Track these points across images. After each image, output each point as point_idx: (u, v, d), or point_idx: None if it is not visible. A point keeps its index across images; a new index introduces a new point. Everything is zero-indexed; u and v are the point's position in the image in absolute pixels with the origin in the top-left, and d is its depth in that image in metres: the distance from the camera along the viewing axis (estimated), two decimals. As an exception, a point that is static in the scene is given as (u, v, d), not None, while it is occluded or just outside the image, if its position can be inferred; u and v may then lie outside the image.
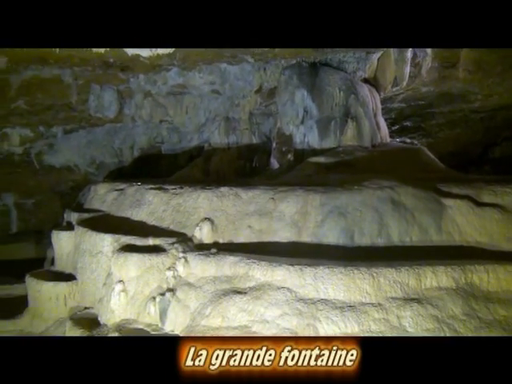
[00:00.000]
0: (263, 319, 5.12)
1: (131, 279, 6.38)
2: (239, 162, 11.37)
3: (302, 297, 5.15)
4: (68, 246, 8.38)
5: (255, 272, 5.51)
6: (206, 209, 7.05)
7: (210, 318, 5.44)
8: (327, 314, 4.91)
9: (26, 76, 10.15)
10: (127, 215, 7.95)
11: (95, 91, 11.12)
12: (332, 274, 5.10)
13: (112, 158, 13.07)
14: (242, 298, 5.36)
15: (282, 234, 6.47)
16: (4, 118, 11.33)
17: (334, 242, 6.22)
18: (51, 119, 11.76)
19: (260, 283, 5.42)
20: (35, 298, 8.14)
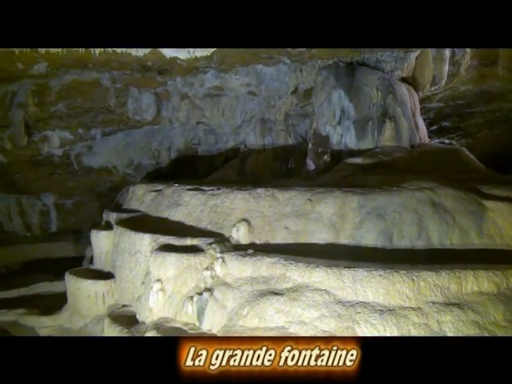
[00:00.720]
0: (301, 321, 5.09)
1: (169, 278, 6.43)
2: (275, 163, 11.34)
3: (340, 299, 5.10)
4: (107, 245, 8.54)
5: (292, 273, 5.48)
6: (242, 210, 7.07)
7: (247, 319, 5.45)
8: (366, 317, 4.84)
9: (65, 80, 10.43)
10: (165, 216, 8.03)
11: (133, 94, 11.33)
12: (371, 277, 5.03)
13: (149, 160, 13.26)
14: (279, 299, 5.34)
15: (320, 235, 6.44)
16: (44, 121, 11.64)
17: (373, 244, 6.15)
18: (90, 122, 12.02)
19: (297, 284, 5.40)
20: (74, 295, 8.32)
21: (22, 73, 9.51)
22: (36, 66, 9.22)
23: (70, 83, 10.57)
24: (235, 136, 12.25)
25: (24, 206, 14.74)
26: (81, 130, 12.25)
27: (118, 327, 6.81)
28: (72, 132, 12.25)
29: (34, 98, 10.76)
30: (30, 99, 10.74)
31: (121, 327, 6.79)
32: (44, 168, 13.36)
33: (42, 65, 9.22)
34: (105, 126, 12.26)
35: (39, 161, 12.98)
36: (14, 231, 14.90)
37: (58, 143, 12.42)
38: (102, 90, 11.00)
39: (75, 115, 11.63)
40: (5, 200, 14.51)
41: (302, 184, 7.95)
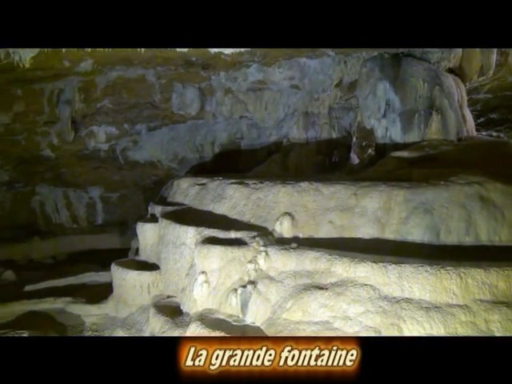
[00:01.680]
0: (345, 316, 5.04)
1: (213, 271, 6.50)
2: (318, 157, 11.25)
3: (385, 295, 5.01)
4: (152, 237, 8.69)
5: (337, 268, 5.43)
6: (286, 203, 7.04)
7: (290, 312, 5.45)
8: (412, 314, 4.74)
9: (111, 76, 10.66)
10: (209, 209, 8.10)
11: (178, 89, 11.48)
12: (417, 273, 4.92)
13: (193, 154, 13.42)
14: (324, 294, 5.31)
15: (364, 230, 6.35)
16: (91, 117, 11.95)
17: (419, 239, 6.01)
18: (135, 117, 12.26)
19: (342, 279, 5.34)
20: (120, 286, 8.53)
21: (68, 70, 9.76)
22: (82, 63, 9.45)
23: (116, 79, 10.80)
24: (278, 130, 12.22)
25: (71, 199, 15.21)
26: (126, 125, 12.52)
27: (163, 317, 6.94)
28: (118, 127, 12.54)
29: (80, 94, 11.04)
30: (77, 96, 11.03)
31: (165, 317, 6.91)
32: (90, 162, 13.74)
33: (87, 62, 9.43)
34: (150, 121, 12.48)
35: (86, 155, 13.35)
36: (61, 223, 15.40)
37: (104, 138, 12.73)
38: (147, 85, 11.18)
39: (121, 111, 11.87)
40: (53, 193, 15.01)
41: (346, 178, 7.85)
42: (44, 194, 15.01)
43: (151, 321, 7.20)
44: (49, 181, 14.50)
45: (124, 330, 7.78)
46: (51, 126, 11.84)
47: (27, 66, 7.61)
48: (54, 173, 14.09)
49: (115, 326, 8.11)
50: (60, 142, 12.30)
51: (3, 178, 13.67)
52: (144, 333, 7.40)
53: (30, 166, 13.50)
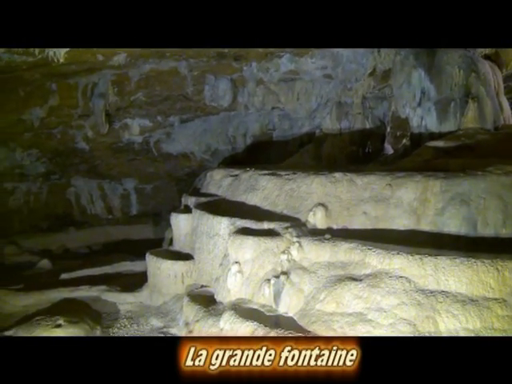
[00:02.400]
0: (379, 307, 4.98)
1: (247, 261, 6.51)
2: (351, 147, 11.13)
3: (421, 287, 4.93)
4: (186, 228, 8.78)
5: (371, 259, 5.38)
6: (319, 194, 7.00)
7: (324, 303, 5.43)
8: (448, 307, 4.66)
9: (144, 69, 10.78)
10: (242, 200, 8.12)
11: (210, 81, 11.52)
12: (454, 265, 4.82)
13: (226, 145, 13.48)
14: (358, 285, 5.26)
15: (400, 221, 6.25)
16: (124, 110, 12.11)
17: (455, 231, 5.87)
18: (168, 109, 12.37)
19: (376, 271, 5.28)
20: (154, 275, 8.65)
21: (102, 64, 9.92)
22: (115, 57, 9.58)
23: (149, 72, 10.90)
24: (310, 120, 12.15)
25: (106, 191, 15.52)
26: (159, 118, 12.65)
27: (197, 306, 7.02)
28: (151, 119, 12.68)
29: (113, 87, 11.21)
30: (110, 89, 11.20)
31: (199, 306, 6.99)
32: (125, 154, 13.95)
33: (121, 56, 9.55)
34: (182, 113, 12.57)
35: (120, 147, 13.56)
36: (96, 214, 15.73)
37: (138, 130, 12.90)
38: (180, 78, 11.26)
39: (154, 103, 11.99)
40: (88, 185, 15.33)
41: (380, 169, 7.74)
42: (79, 185, 15.35)
43: (185, 309, 7.29)
44: (84, 173, 14.80)
45: (158, 318, 7.91)
46: (86, 119, 12.06)
47: (62, 60, 7.77)
48: (89, 165, 14.37)
49: (149, 314, 8.24)
50: (94, 134, 12.52)
51: (39, 170, 14.01)
52: (178, 321, 7.51)
53: (66, 159, 13.81)
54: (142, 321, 8.07)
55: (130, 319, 8.24)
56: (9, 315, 8.68)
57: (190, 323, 6.88)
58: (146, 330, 7.65)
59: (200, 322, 6.66)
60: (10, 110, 11.12)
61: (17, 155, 13.14)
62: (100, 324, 7.96)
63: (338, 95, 11.49)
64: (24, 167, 13.63)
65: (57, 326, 7.31)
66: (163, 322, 7.72)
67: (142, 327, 7.84)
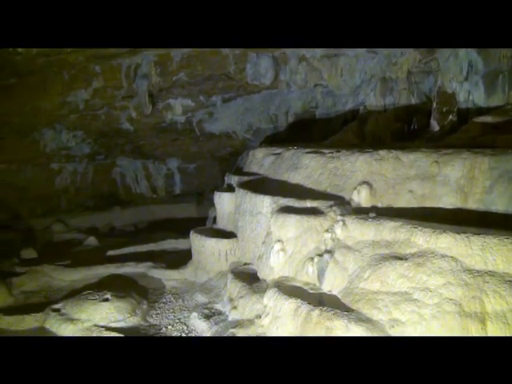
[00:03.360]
0: (425, 287, 4.90)
1: (290, 239, 6.53)
2: (396, 124, 10.83)
3: (467, 267, 4.81)
4: (229, 206, 8.88)
5: (417, 238, 5.28)
6: (363, 172, 6.92)
7: (368, 282, 5.39)
8: (495, 287, 4.52)
9: (186, 50, 10.74)
10: (284, 178, 8.11)
11: (252, 59, 11.43)
12: (502, 245, 4.67)
13: (268, 124, 13.41)
14: (403, 264, 5.18)
15: (446, 199, 6.11)
16: (167, 90, 12.19)
17: (504, 209, 5.69)
18: (210, 89, 12.38)
19: (422, 250, 5.19)
20: (199, 252, 8.83)
21: (144, 45, 9.94)
22: (158, 38, 9.57)
23: (191, 52, 10.93)
24: (354, 97, 11.89)
25: (150, 170, 15.81)
26: (202, 97, 12.68)
27: (240, 283, 7.12)
28: (193, 99, 12.73)
29: (156, 68, 11.30)
30: (153, 70, 11.29)
31: (243, 283, 7.09)
32: (168, 134, 14.11)
33: (163, 37, 9.55)
34: (224, 92, 12.56)
35: (163, 128, 13.71)
36: (141, 193, 16.08)
37: (181, 110, 12.98)
38: (222, 56, 11.24)
39: (196, 83, 12.02)
40: (133, 165, 15.64)
41: (426, 146, 7.54)
42: (124, 165, 15.69)
43: (229, 286, 7.41)
44: (128, 153, 15.09)
45: (202, 294, 8.07)
46: (129, 100, 12.22)
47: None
48: (133, 145, 14.62)
49: (194, 290, 8.44)
50: (138, 115, 12.68)
51: (85, 151, 14.37)
52: (222, 297, 7.63)
53: (110, 139, 14.09)
54: (187, 296, 8.26)
55: (175, 295, 8.45)
56: (57, 290, 9.07)
57: (235, 299, 6.99)
58: (191, 306, 7.82)
59: (244, 298, 6.76)
60: (55, 92, 11.39)
61: (63, 137, 13.50)
62: (146, 299, 8.18)
63: (383, 70, 11.16)
64: (70, 148, 14.00)
65: (104, 300, 7.57)
66: (208, 298, 7.86)
67: (187, 303, 8.03)
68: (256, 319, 6.30)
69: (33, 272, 9.70)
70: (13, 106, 11.22)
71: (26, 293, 8.95)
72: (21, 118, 11.79)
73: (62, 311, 7.62)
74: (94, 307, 7.42)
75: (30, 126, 12.47)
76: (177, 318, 7.48)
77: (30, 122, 12.19)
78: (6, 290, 8.63)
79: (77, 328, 7.09)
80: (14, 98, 10.88)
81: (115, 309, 7.41)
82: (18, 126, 12.17)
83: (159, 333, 7.03)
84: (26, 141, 13.01)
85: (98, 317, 7.27)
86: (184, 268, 9.27)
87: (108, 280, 9.03)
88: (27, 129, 12.60)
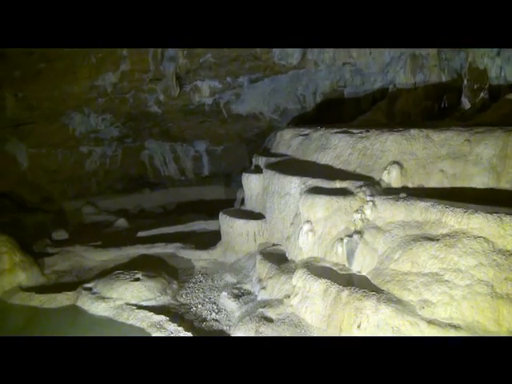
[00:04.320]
0: (456, 268, 4.86)
1: (319, 220, 6.51)
2: (426, 102, 10.61)
3: (500, 248, 4.75)
4: (257, 188, 8.90)
5: (449, 219, 5.21)
6: (394, 152, 6.83)
7: (399, 263, 5.36)
8: (528, 268, 4.46)
9: (213, 31, 10.64)
10: (313, 159, 8.05)
11: (279, 39, 11.25)
12: (536, 226, 4.58)
13: (295, 105, 13.30)
14: (434, 245, 5.14)
15: (479, 179, 6.00)
16: (194, 72, 12.15)
17: (538, 189, 5.57)
18: (237, 70, 12.29)
19: (454, 230, 5.12)
20: (227, 233, 8.91)
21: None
22: (185, 20, 9.53)
23: (218, 33, 10.80)
24: (383, 75, 11.63)
25: (178, 153, 15.93)
26: (229, 79, 12.62)
27: (269, 263, 7.17)
28: (221, 81, 12.67)
29: (183, 50, 11.23)
30: (180, 52, 11.23)
31: (271, 263, 7.13)
32: (195, 117, 14.14)
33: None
34: (251, 72, 12.46)
35: (191, 110, 13.73)
36: (169, 175, 16.23)
37: (208, 92, 12.95)
38: (249, 37, 11.09)
39: (223, 64, 11.94)
40: (161, 147, 15.78)
41: (458, 124, 7.38)
42: (152, 148, 15.83)
43: (258, 266, 7.46)
44: (156, 136, 15.19)
45: (231, 274, 8.16)
46: (157, 83, 12.24)
47: (132, 26, 7.85)
48: (161, 128, 14.71)
49: (223, 270, 8.56)
50: (166, 98, 12.71)
51: (114, 134, 14.52)
52: (251, 278, 7.70)
53: (138, 122, 14.19)
54: (217, 277, 8.37)
55: (204, 275, 8.57)
56: (88, 269, 9.30)
57: (263, 280, 7.04)
58: (221, 286, 7.93)
59: (273, 278, 6.80)
60: (84, 76, 11.47)
61: (91, 120, 13.66)
62: (176, 279, 8.32)
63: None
64: (99, 132, 14.16)
65: (135, 279, 7.74)
66: (237, 278, 7.94)
67: (216, 282, 8.14)
68: (285, 299, 6.35)
69: (64, 252, 9.98)
70: (42, 90, 11.36)
71: (57, 272, 9.23)
72: (50, 102, 11.94)
73: (94, 290, 7.83)
74: (126, 286, 7.58)
75: (59, 110, 12.62)
76: (206, 298, 7.59)
77: (59, 106, 12.34)
78: (38, 270, 8.88)
79: (108, 306, 7.29)
80: (43, 83, 11.01)
81: (146, 288, 7.55)
82: (48, 111, 12.34)
83: (189, 311, 7.16)
84: (55, 125, 13.20)
85: (129, 295, 7.44)
86: (213, 249, 9.38)
87: (138, 260, 9.22)
88: (56, 113, 12.76)
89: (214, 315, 6.95)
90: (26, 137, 13.03)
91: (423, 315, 4.78)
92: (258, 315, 6.24)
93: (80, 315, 7.32)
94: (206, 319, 6.87)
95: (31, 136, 13.09)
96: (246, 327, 6.06)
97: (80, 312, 7.40)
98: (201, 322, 6.77)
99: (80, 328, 6.89)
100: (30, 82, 10.74)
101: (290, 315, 6.06)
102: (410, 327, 4.73)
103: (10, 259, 8.51)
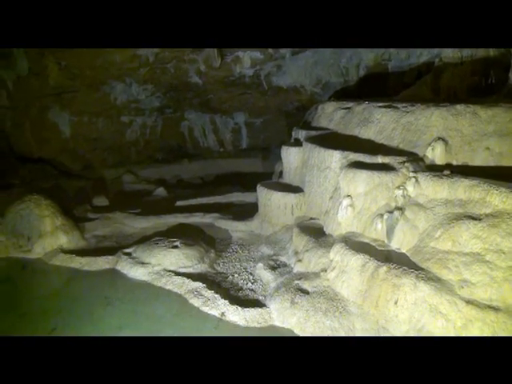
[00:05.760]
0: (499, 249, 4.75)
1: (359, 195, 6.45)
2: (473, 78, 10.27)
3: (546, 229, 4.61)
4: (296, 161, 8.84)
5: (493, 198, 5.07)
6: (439, 128, 6.64)
7: (439, 241, 5.27)
8: None
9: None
10: (354, 133, 7.92)
11: (323, 9, 11.02)
12: None
13: (337, 78, 13.06)
14: (477, 225, 5.02)
15: (526, 158, 5.82)
16: (236, 42, 12.01)
17: None
18: (280, 40, 12.08)
19: (498, 210, 5.00)
20: (265, 206, 8.91)
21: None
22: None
23: (260, 2, 10.64)
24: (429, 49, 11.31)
25: (218, 124, 15.95)
26: (271, 50, 12.43)
27: (306, 237, 7.17)
28: (262, 52, 12.51)
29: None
30: (223, 21, 11.10)
31: (308, 237, 7.12)
32: (236, 88, 14.06)
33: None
34: (294, 43, 12.25)
35: (231, 81, 13.65)
36: (208, 147, 16.31)
37: (249, 63, 12.81)
38: (291, 6, 10.89)
39: (265, 33, 11.78)
40: (200, 119, 15.81)
41: (505, 101, 7.12)
42: (192, 119, 15.89)
43: (295, 239, 7.48)
44: (197, 107, 15.22)
45: (268, 246, 8.20)
46: (198, 53, 12.19)
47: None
48: (202, 99, 14.71)
49: (260, 242, 8.61)
50: (207, 68, 12.67)
51: (154, 104, 14.62)
52: (287, 250, 7.72)
53: (179, 93, 14.23)
54: (253, 248, 8.44)
55: (241, 245, 8.65)
56: (127, 236, 9.51)
57: (300, 252, 7.06)
58: (257, 257, 7.99)
59: (309, 252, 6.81)
60: (126, 46, 11.53)
61: (133, 90, 13.77)
62: (214, 248, 8.43)
63: (463, 18, 10.49)
64: (140, 102, 14.28)
65: (174, 247, 7.89)
66: (273, 250, 7.98)
67: (252, 254, 8.21)
68: (321, 273, 6.36)
69: (105, 218, 10.23)
70: (85, 59, 11.47)
71: (97, 237, 9.50)
72: (92, 71, 12.08)
73: (133, 255, 8.02)
74: (164, 253, 7.73)
75: (101, 79, 12.76)
76: (243, 268, 7.68)
77: (101, 75, 12.47)
78: (79, 234, 9.14)
79: (147, 271, 7.46)
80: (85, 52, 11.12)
81: (184, 255, 7.69)
82: (90, 80, 12.50)
83: (226, 280, 7.28)
84: (97, 94, 13.38)
85: (167, 262, 7.60)
86: (250, 220, 9.43)
87: (177, 229, 9.37)
88: (98, 82, 12.92)
89: (249, 285, 7.04)
90: (68, 105, 13.26)
91: (462, 295, 4.71)
92: (294, 287, 6.29)
93: (119, 278, 7.52)
94: (242, 288, 6.96)
95: (73, 104, 13.31)
96: (282, 298, 6.12)
97: (119, 275, 7.61)
98: (237, 291, 6.86)
99: (119, 290, 7.09)
100: (72, 51, 10.85)
101: (326, 288, 6.08)
102: (448, 306, 4.68)
103: (52, 222, 8.80)
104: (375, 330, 5.27)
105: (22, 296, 7.14)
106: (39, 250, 8.55)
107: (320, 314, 5.67)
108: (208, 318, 6.11)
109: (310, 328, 5.59)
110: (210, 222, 9.78)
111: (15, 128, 13.34)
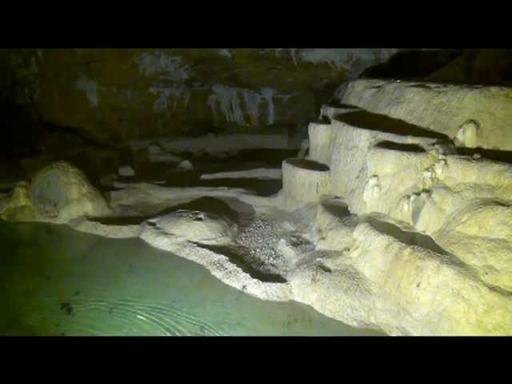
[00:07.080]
0: (525, 236, 4.69)
1: (386, 175, 6.38)
2: (508, 60, 9.99)
3: None
4: (323, 139, 8.76)
5: (524, 184, 4.99)
6: (471, 110, 6.48)
7: (465, 226, 5.21)
8: None
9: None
10: (384, 113, 7.78)
11: (357, -17, 10.78)
12: None
13: (369, 55, 12.82)
14: (505, 211, 4.95)
15: (562, 144, 5.67)
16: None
17: None
18: (312, 14, 11.88)
19: (528, 197, 4.92)
20: (290, 182, 8.90)
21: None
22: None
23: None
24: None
25: (245, 99, 15.88)
26: (303, 24, 12.24)
27: (330, 215, 7.15)
28: (294, 26, 12.32)
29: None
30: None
31: (333, 215, 7.10)
32: (265, 63, 13.92)
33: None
34: (326, 18, 12.04)
35: (261, 56, 13.52)
36: (234, 122, 16.28)
37: (280, 37, 12.63)
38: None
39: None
40: (228, 93, 15.76)
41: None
42: (220, 93, 15.85)
43: (319, 217, 7.46)
44: (224, 80, 15.16)
45: (291, 223, 8.22)
46: (229, 25, 12.07)
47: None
48: (230, 73, 14.63)
49: (283, 218, 8.61)
50: (237, 41, 12.55)
51: (183, 76, 14.62)
52: (310, 228, 7.73)
53: (208, 66, 14.16)
54: (276, 224, 8.46)
55: (264, 221, 8.68)
56: (152, 206, 9.65)
57: (323, 230, 7.05)
58: (280, 233, 8.02)
59: (333, 230, 6.80)
60: (156, 16, 11.46)
61: (161, 61, 13.76)
62: (237, 222, 8.49)
63: None
64: (168, 73, 14.29)
65: (197, 219, 7.96)
66: (296, 227, 8.00)
67: (275, 229, 8.24)
68: (344, 251, 6.36)
69: (130, 188, 10.37)
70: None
71: (122, 206, 9.65)
72: (122, 41, 12.11)
73: (158, 225, 8.13)
74: (188, 224, 7.81)
75: (130, 49, 12.77)
76: (265, 243, 7.72)
77: (130, 45, 12.49)
78: (104, 202, 9.29)
79: (170, 241, 7.56)
80: (117, 21, 11.14)
81: (207, 228, 7.76)
82: (119, 50, 12.52)
83: (248, 254, 7.34)
84: (126, 64, 13.42)
85: (191, 233, 7.68)
86: (274, 196, 9.45)
87: (201, 201, 9.45)
88: (127, 53, 12.94)
89: (271, 260, 7.08)
90: (97, 75, 13.35)
91: (486, 281, 4.67)
92: (316, 264, 6.31)
93: (143, 247, 7.66)
94: (264, 263, 7.01)
95: (102, 74, 13.39)
96: (303, 274, 6.15)
97: (143, 244, 7.74)
98: (259, 265, 6.92)
99: (142, 259, 7.23)
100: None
101: (348, 267, 6.09)
102: (470, 291, 4.65)
103: (78, 190, 8.97)
104: (396, 310, 5.27)
105: (48, 260, 7.35)
106: (65, 216, 8.76)
107: (341, 292, 5.69)
108: (229, 289, 6.19)
109: (330, 305, 5.62)
110: (234, 197, 9.83)
111: (44, 96, 13.51)
